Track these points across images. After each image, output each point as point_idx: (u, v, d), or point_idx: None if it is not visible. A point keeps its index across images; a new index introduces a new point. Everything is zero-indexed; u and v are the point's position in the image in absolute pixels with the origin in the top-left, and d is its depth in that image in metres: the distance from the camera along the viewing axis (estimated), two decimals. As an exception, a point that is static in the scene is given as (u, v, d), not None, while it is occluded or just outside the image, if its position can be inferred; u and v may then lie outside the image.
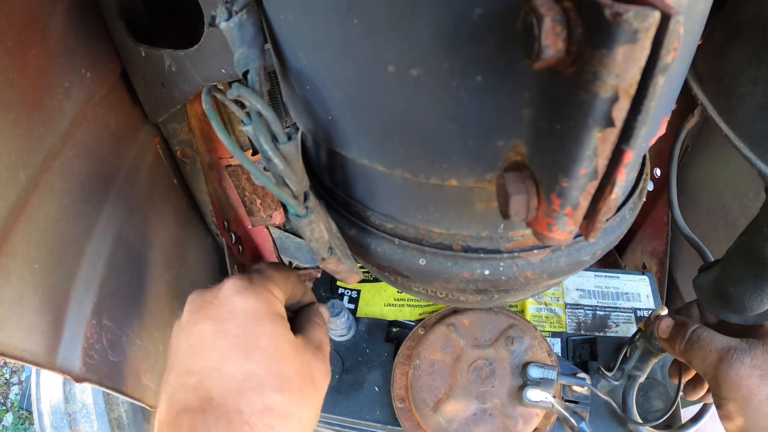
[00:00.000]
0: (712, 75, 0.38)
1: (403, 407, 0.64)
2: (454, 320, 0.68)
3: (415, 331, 0.70)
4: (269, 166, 0.31)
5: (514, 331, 0.66)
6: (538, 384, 0.61)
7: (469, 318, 0.68)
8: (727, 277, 0.46)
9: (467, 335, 0.67)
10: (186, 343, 0.39)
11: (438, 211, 0.35)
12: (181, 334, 0.40)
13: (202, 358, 0.37)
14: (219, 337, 0.38)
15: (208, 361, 0.37)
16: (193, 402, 0.36)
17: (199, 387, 0.36)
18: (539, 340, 0.66)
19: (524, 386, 0.61)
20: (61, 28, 0.49)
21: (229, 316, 0.38)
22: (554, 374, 0.62)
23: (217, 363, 0.37)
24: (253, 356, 0.37)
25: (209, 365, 0.37)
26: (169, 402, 0.37)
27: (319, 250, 0.37)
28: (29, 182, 0.45)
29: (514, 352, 0.65)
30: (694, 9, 0.27)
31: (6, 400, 1.99)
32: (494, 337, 0.66)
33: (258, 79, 0.30)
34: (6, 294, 0.42)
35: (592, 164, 0.20)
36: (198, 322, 0.39)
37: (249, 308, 0.39)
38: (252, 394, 0.36)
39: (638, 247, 0.98)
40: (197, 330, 0.38)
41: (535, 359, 0.64)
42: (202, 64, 0.56)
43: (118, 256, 0.59)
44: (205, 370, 0.37)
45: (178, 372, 0.38)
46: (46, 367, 0.47)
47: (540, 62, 0.19)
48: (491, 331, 0.67)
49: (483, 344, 0.66)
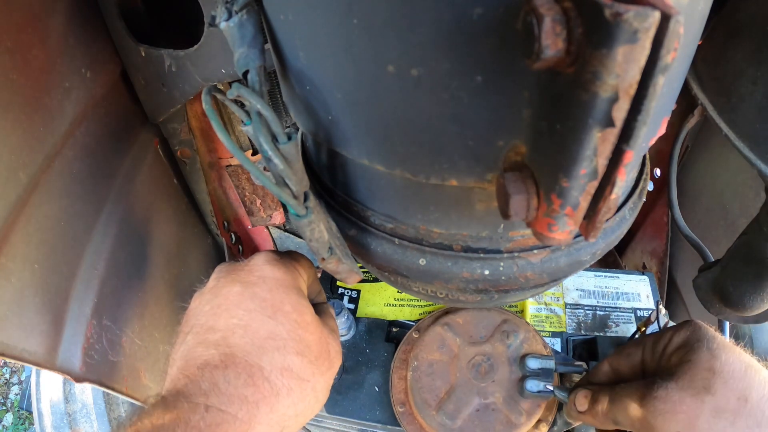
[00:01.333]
0: (712, 75, 0.38)
1: (404, 411, 0.64)
2: (448, 320, 0.68)
3: (409, 335, 0.70)
4: (269, 166, 0.31)
5: (508, 326, 0.67)
6: (538, 375, 0.62)
7: (463, 317, 0.68)
8: (727, 277, 0.46)
9: (462, 333, 0.67)
10: (210, 305, 0.39)
11: (438, 211, 0.35)
12: (205, 297, 0.40)
13: (228, 316, 0.38)
14: (246, 298, 0.38)
15: (233, 318, 0.38)
16: (215, 357, 0.36)
17: (221, 343, 0.37)
18: (533, 333, 0.67)
19: (524, 378, 0.61)
20: (61, 28, 0.49)
21: (258, 281, 0.40)
22: (552, 364, 0.62)
23: (242, 321, 0.38)
24: (278, 318, 0.38)
25: (234, 322, 0.38)
26: (186, 359, 0.37)
27: (319, 250, 0.37)
28: (29, 182, 0.45)
29: (510, 345, 0.65)
30: (694, 9, 0.27)
31: (6, 400, 1.99)
32: (489, 333, 0.67)
33: (258, 79, 0.30)
34: (6, 294, 0.42)
35: (592, 164, 0.20)
36: (226, 285, 0.40)
37: (278, 276, 0.40)
38: (274, 353, 0.37)
39: (638, 247, 0.98)
40: (224, 292, 0.39)
41: (531, 351, 0.64)
42: (202, 64, 0.56)
43: (118, 256, 0.59)
44: (229, 327, 0.37)
45: (198, 331, 0.38)
46: (46, 367, 0.47)
47: (540, 62, 0.19)
48: (486, 328, 0.67)
49: (479, 341, 0.66)
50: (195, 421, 0.33)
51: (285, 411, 0.37)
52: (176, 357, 0.38)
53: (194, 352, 0.37)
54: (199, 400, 0.34)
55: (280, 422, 0.37)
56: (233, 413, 0.34)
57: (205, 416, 0.33)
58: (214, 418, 0.34)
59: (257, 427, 0.35)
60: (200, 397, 0.34)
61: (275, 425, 0.37)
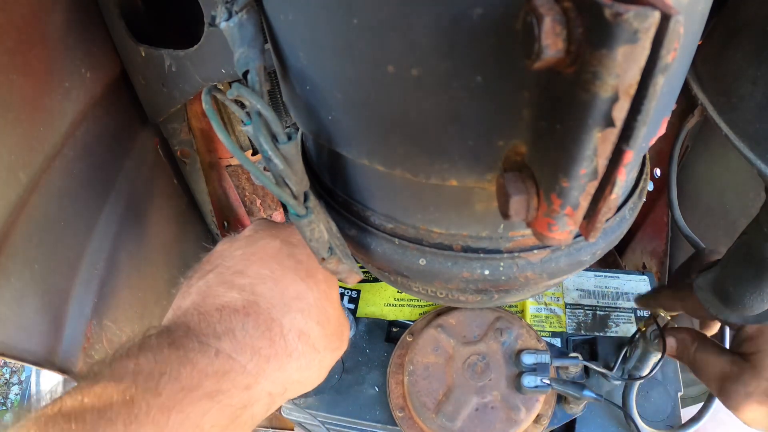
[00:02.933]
0: (712, 75, 0.38)
1: (403, 416, 0.64)
2: (440, 321, 0.68)
3: (403, 338, 0.70)
4: (269, 166, 0.31)
5: (501, 323, 0.67)
6: (534, 370, 0.62)
7: (455, 317, 0.68)
8: (727, 277, 0.46)
9: (456, 334, 0.67)
10: (243, 251, 0.38)
11: (438, 211, 0.35)
12: (238, 243, 0.39)
13: (260, 265, 0.37)
14: (284, 255, 0.37)
15: (265, 269, 0.36)
16: (237, 302, 0.35)
17: (247, 289, 0.35)
18: (527, 328, 0.67)
19: (521, 374, 0.62)
20: (61, 28, 0.49)
21: (299, 243, 0.39)
22: (548, 357, 0.63)
23: (275, 274, 0.36)
24: (309, 283, 0.38)
25: (265, 273, 0.36)
26: (204, 296, 0.35)
27: (319, 250, 0.37)
28: (29, 182, 0.45)
29: (504, 343, 0.65)
30: (694, 9, 0.27)
31: (6, 400, 1.99)
32: (483, 332, 0.67)
33: (258, 79, 0.30)
34: (6, 294, 0.42)
35: (592, 164, 0.20)
36: (265, 236, 0.38)
37: None
38: (297, 314, 0.36)
39: (638, 247, 0.98)
40: (262, 243, 0.38)
41: (526, 347, 0.65)
42: (202, 64, 0.56)
43: (118, 256, 0.59)
44: (260, 276, 0.36)
45: (223, 272, 0.36)
46: (46, 367, 0.48)
47: (540, 62, 0.19)
48: (479, 327, 0.67)
49: (473, 340, 0.66)
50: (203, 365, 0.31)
51: (291, 374, 0.36)
52: (191, 291, 0.36)
53: (215, 290, 0.35)
54: (211, 343, 0.32)
55: (284, 383, 0.36)
56: (243, 363, 0.33)
57: (214, 361, 0.32)
58: (223, 365, 0.32)
59: (263, 382, 0.34)
60: (213, 339, 0.33)
61: (279, 385, 0.36)
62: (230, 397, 0.32)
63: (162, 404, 0.29)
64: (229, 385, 0.32)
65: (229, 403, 0.32)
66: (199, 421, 0.30)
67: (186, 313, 0.34)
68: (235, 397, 0.32)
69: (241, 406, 0.33)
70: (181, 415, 0.29)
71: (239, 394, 0.33)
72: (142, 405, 0.28)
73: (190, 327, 0.33)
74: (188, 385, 0.30)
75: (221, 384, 0.32)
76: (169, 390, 0.29)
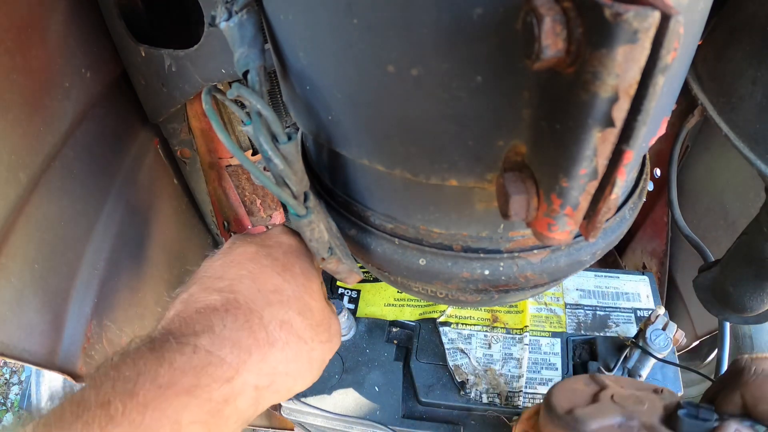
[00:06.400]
0: (712, 75, 0.38)
1: None
2: None
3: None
4: (269, 166, 0.31)
5: None
6: None
7: None
8: (727, 277, 0.46)
9: None
10: (222, 260, 0.39)
11: (438, 211, 0.35)
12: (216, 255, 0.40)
13: (238, 268, 0.38)
14: (261, 255, 0.39)
15: (243, 270, 0.38)
16: (217, 302, 0.35)
17: (226, 289, 0.36)
18: None
19: None
20: (61, 28, 0.49)
21: (274, 244, 0.40)
22: None
23: (252, 273, 0.37)
24: (286, 276, 0.38)
25: (243, 273, 0.37)
26: (186, 303, 0.36)
27: (319, 250, 0.37)
28: (29, 182, 0.45)
29: None
30: (694, 9, 0.27)
31: (6, 400, 1.99)
32: None
33: (258, 79, 0.30)
34: (6, 294, 0.42)
35: (592, 164, 0.20)
36: (241, 244, 0.40)
37: (292, 243, 0.41)
38: (276, 306, 0.37)
39: (638, 247, 0.98)
40: (239, 250, 0.39)
41: None
42: (202, 64, 0.56)
43: (118, 256, 0.59)
44: (238, 276, 0.37)
45: (205, 281, 0.37)
46: (46, 367, 0.48)
47: (540, 62, 0.19)
48: None
49: None
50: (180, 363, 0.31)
51: (276, 365, 0.36)
52: (175, 303, 0.37)
53: (196, 297, 0.36)
54: (190, 341, 0.33)
55: (270, 375, 0.36)
56: (222, 356, 0.33)
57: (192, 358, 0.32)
58: (201, 360, 0.32)
59: (245, 374, 0.34)
60: (191, 337, 0.33)
61: (264, 377, 0.36)
62: (209, 392, 0.32)
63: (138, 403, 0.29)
64: (208, 380, 0.32)
65: (208, 397, 0.32)
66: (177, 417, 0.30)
67: (169, 321, 0.35)
68: (215, 391, 0.32)
69: (223, 400, 0.33)
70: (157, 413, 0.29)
71: (220, 388, 0.33)
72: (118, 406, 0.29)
73: (169, 330, 0.34)
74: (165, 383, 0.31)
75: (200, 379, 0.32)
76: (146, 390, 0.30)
